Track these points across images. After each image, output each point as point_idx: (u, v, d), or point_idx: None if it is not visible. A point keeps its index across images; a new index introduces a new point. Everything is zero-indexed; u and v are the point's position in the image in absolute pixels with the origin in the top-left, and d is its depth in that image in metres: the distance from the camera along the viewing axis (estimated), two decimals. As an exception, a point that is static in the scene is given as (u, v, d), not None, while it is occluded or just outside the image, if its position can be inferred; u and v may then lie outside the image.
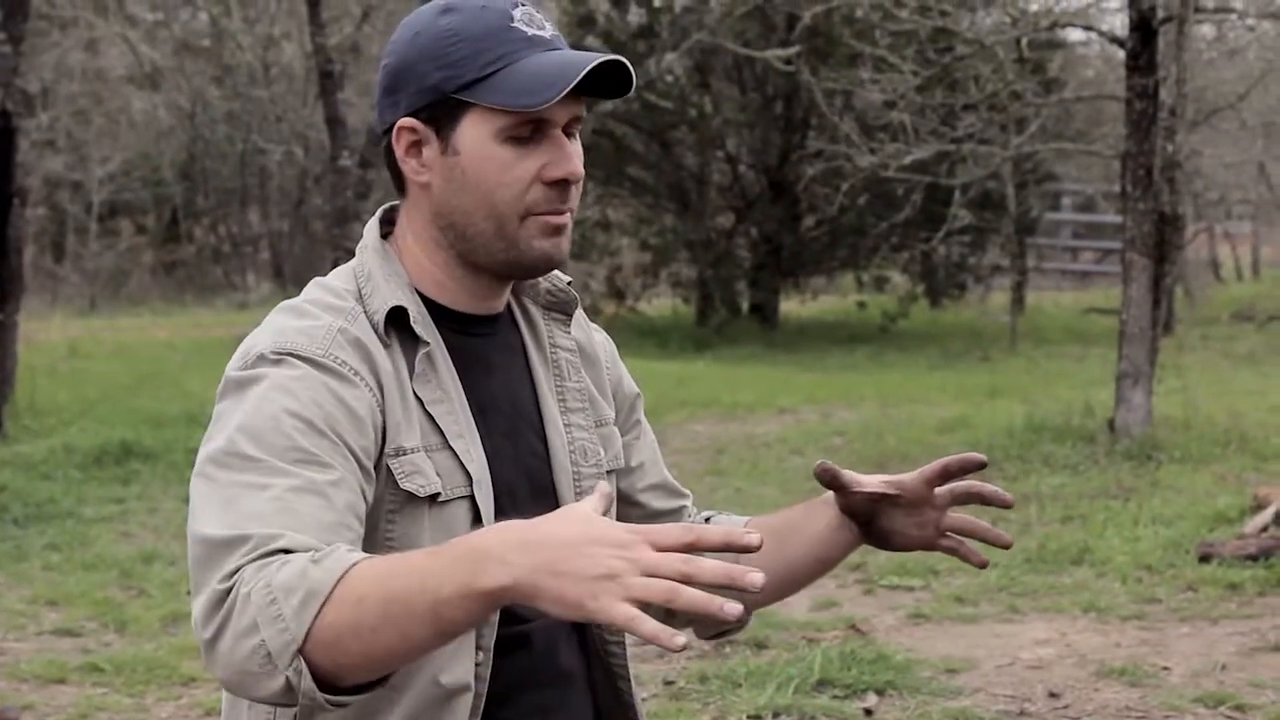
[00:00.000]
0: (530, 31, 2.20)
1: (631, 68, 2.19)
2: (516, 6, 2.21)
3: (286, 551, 1.93)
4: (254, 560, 1.92)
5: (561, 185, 2.21)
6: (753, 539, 1.81)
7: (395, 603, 1.85)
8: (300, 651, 1.86)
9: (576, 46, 2.30)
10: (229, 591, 1.91)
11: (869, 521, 2.39)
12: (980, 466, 2.31)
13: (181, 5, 29.18)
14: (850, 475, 2.35)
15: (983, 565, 2.40)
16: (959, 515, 2.38)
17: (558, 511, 1.88)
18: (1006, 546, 2.39)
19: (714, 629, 2.55)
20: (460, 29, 2.19)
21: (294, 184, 29.00)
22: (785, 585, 2.47)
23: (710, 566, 1.78)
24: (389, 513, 2.16)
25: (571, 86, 2.13)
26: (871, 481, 2.35)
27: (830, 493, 2.42)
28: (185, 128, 29.26)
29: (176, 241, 30.15)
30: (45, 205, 28.29)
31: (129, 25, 28.18)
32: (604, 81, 2.20)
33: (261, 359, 2.14)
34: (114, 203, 29.20)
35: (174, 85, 28.57)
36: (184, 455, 11.29)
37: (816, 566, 2.47)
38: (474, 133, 2.19)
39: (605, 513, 1.90)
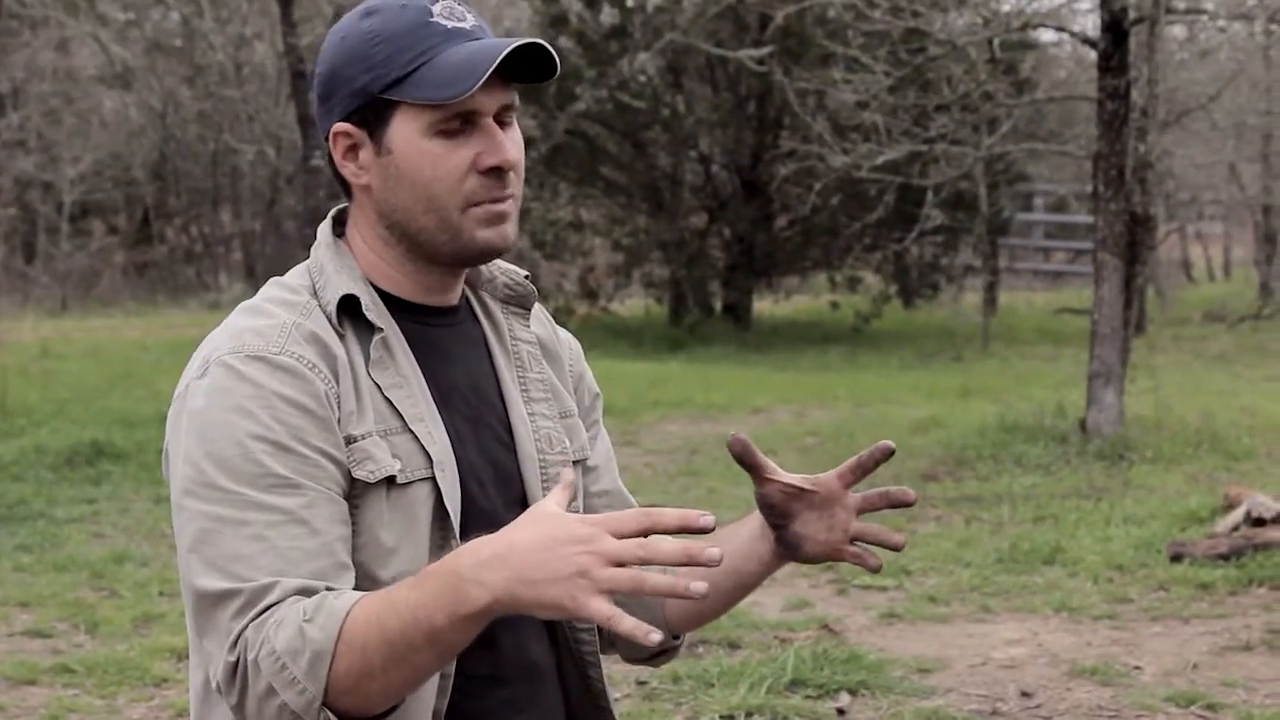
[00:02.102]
0: (450, 24, 2.21)
1: (551, 49, 2.20)
2: (436, 1, 2.23)
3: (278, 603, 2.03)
4: (250, 621, 2.03)
5: (497, 173, 2.22)
6: (708, 520, 1.89)
7: (396, 643, 1.97)
8: (324, 704, 2.00)
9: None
10: (237, 661, 2.03)
11: (783, 526, 2.35)
12: (889, 453, 2.30)
13: (153, 5, 29.09)
14: (767, 460, 2.33)
15: (877, 569, 2.38)
16: (862, 522, 2.36)
17: (521, 516, 1.97)
18: (897, 548, 2.36)
19: (643, 652, 2.55)
20: (381, 29, 2.21)
21: (266, 184, 28.92)
22: (707, 600, 2.42)
23: (669, 547, 1.88)
24: (353, 498, 2.17)
25: (488, 74, 2.15)
26: (791, 476, 2.34)
27: (756, 511, 2.40)
28: (157, 127, 29.17)
29: (148, 242, 30.05)
30: (16, 205, 28.19)
31: (100, 25, 28.09)
32: (531, 65, 2.21)
33: (219, 364, 2.16)
34: (85, 203, 29.10)
35: (145, 85, 28.48)
36: (156, 456, 11.25)
37: (733, 579, 2.43)
38: (404, 130, 2.21)
39: (570, 503, 1.98)
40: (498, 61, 2.15)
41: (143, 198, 29.95)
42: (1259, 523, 8.79)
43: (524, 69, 2.22)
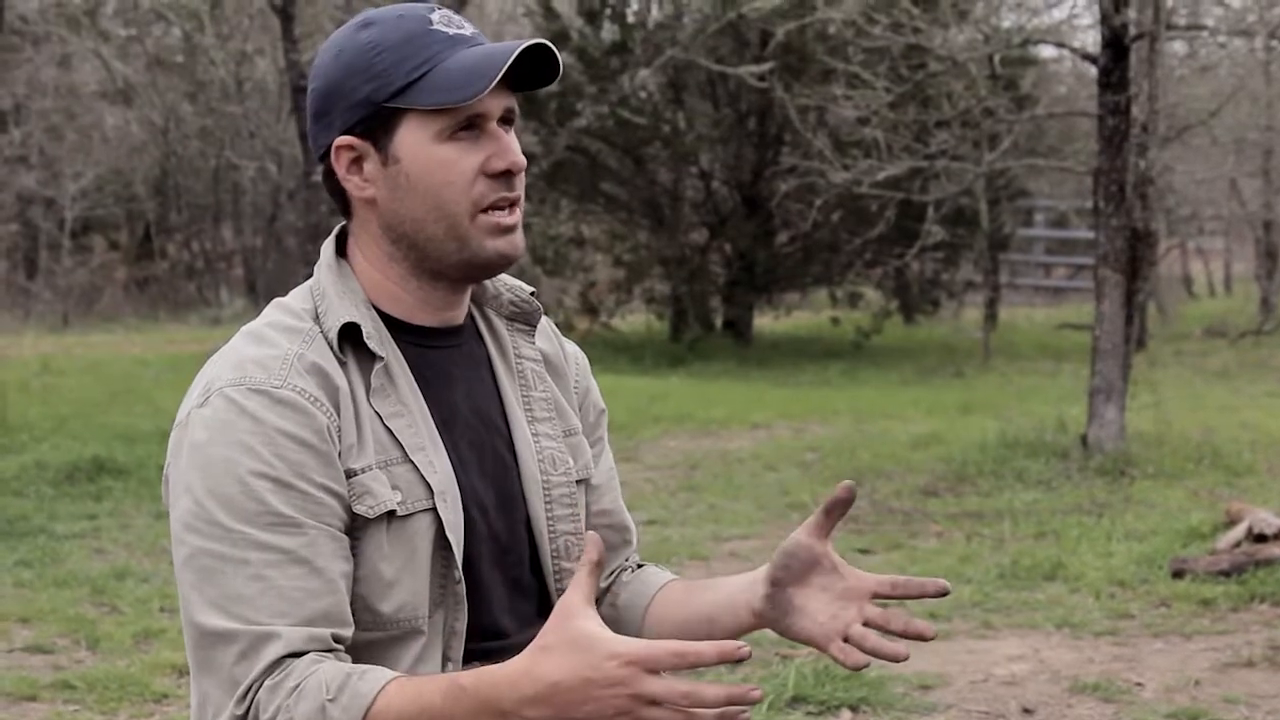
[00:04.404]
0: (451, 31, 2.21)
1: (556, 51, 2.20)
2: (434, 10, 2.23)
3: (294, 656, 2.05)
4: (262, 675, 2.03)
5: (505, 176, 2.22)
6: (745, 651, 1.92)
7: None
8: None
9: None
10: (246, 715, 2.05)
11: (783, 584, 2.29)
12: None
13: (154, 21, 29.10)
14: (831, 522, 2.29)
15: (859, 668, 2.31)
16: (880, 610, 2.30)
17: (551, 639, 1.97)
18: (901, 655, 2.29)
19: None
20: (381, 40, 2.20)
21: (267, 200, 28.91)
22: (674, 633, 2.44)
23: (712, 694, 1.89)
24: (353, 531, 2.17)
25: (503, 71, 2.15)
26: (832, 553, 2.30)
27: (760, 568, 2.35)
28: (158, 143, 29.17)
29: (150, 258, 30.04)
30: (18, 221, 28.18)
31: (102, 41, 28.10)
32: (533, 71, 2.21)
33: (221, 396, 2.15)
34: (87, 219, 29.09)
35: (147, 101, 28.47)
36: (156, 472, 11.24)
37: (706, 627, 2.39)
38: (412, 138, 2.20)
39: (598, 575, 2.01)
40: (512, 59, 2.15)
41: (144, 213, 29.95)
42: (1260, 539, 8.79)
43: (525, 74, 2.22)
